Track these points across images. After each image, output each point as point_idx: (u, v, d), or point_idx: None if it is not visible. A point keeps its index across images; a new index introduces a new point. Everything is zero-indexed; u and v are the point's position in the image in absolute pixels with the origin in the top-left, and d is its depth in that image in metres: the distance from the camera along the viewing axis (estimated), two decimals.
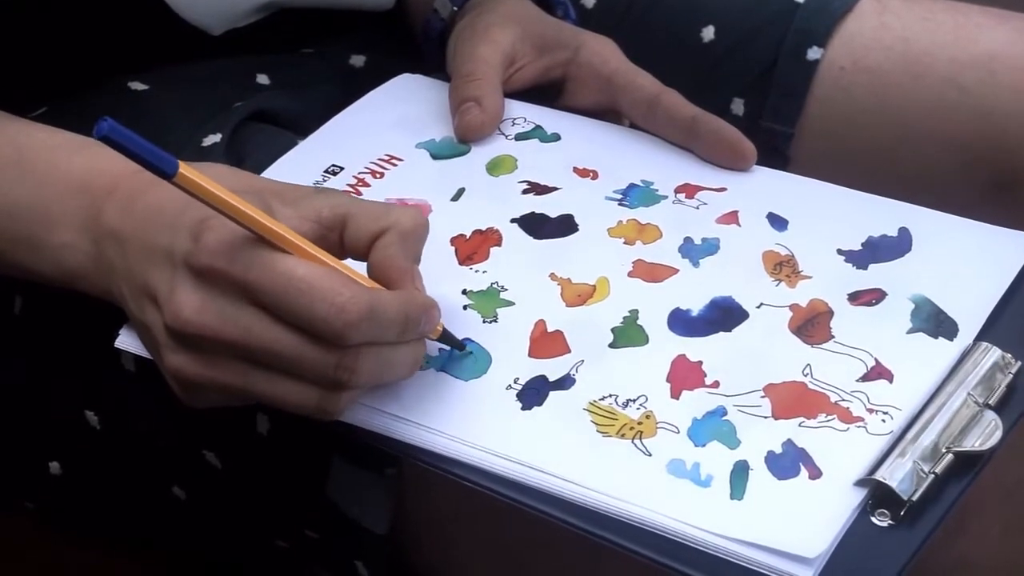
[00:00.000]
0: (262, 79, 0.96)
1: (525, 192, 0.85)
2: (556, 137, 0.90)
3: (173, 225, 0.70)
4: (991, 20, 0.99)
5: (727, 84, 1.02)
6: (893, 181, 0.98)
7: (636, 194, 0.85)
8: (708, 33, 1.02)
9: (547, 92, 0.94)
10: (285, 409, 0.69)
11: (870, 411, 0.70)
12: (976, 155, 0.97)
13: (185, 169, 0.65)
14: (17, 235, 0.77)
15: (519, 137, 0.90)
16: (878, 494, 0.67)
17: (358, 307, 0.66)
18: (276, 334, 0.67)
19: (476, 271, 0.79)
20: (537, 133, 0.90)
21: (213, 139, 0.86)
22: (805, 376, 0.72)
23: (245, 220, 0.67)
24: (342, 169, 0.86)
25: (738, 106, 1.01)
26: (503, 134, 0.90)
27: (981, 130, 0.97)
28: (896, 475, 0.66)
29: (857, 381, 0.72)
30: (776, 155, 0.99)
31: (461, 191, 0.85)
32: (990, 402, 0.70)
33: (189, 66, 0.93)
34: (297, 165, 0.86)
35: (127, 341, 0.75)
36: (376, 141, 0.89)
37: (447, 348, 0.74)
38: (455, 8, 0.96)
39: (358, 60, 1.01)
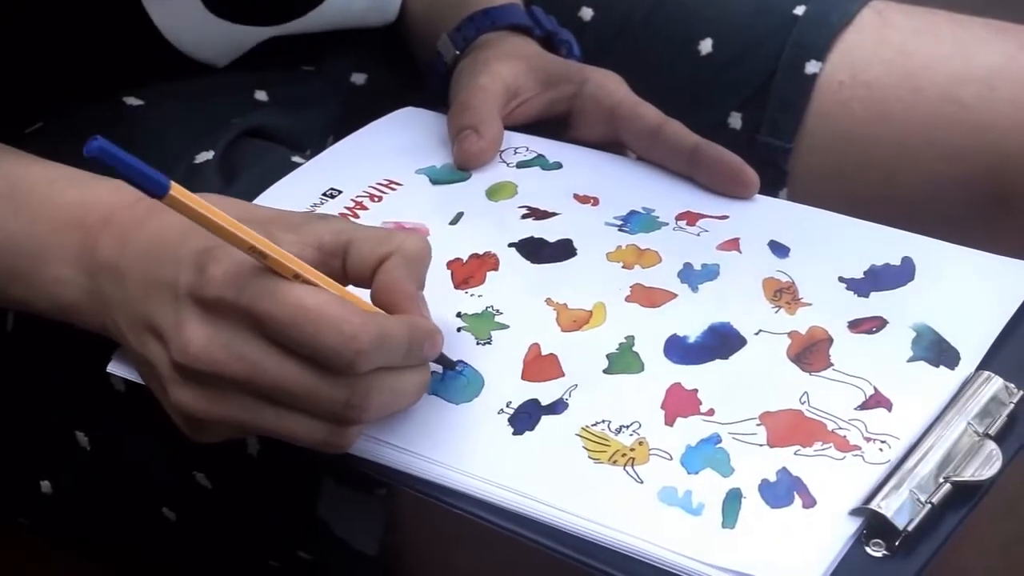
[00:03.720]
0: (260, 96, 0.95)
1: (524, 217, 0.84)
2: (558, 165, 0.89)
3: (174, 257, 0.68)
4: (991, 33, 0.99)
5: (724, 98, 1.01)
6: (891, 196, 0.97)
7: (636, 220, 0.84)
8: (706, 46, 1.01)
9: (551, 127, 0.93)
10: (293, 443, 0.68)
11: (867, 440, 0.69)
12: (975, 169, 0.96)
13: (177, 190, 0.63)
14: (11, 270, 0.76)
15: (520, 165, 0.89)
16: (873, 524, 0.66)
17: (369, 335, 0.65)
18: (286, 369, 0.66)
19: (471, 295, 0.78)
20: (539, 161, 0.89)
21: (206, 156, 0.85)
22: (802, 404, 0.72)
23: (241, 240, 0.65)
24: (340, 192, 0.85)
25: (736, 120, 1.00)
26: (504, 162, 0.89)
27: (980, 144, 0.96)
28: (892, 505, 0.66)
29: (855, 409, 0.71)
30: (774, 169, 0.99)
31: (460, 215, 0.84)
32: (990, 432, 0.69)
33: (186, 81, 0.92)
34: (295, 188, 0.85)
35: (119, 368, 0.74)
36: (375, 166, 0.88)
37: (439, 370, 0.73)
38: (458, 52, 0.96)
39: (359, 78, 1.01)
